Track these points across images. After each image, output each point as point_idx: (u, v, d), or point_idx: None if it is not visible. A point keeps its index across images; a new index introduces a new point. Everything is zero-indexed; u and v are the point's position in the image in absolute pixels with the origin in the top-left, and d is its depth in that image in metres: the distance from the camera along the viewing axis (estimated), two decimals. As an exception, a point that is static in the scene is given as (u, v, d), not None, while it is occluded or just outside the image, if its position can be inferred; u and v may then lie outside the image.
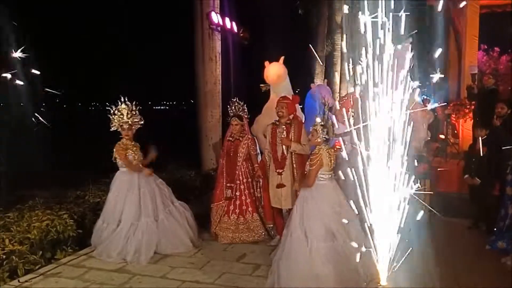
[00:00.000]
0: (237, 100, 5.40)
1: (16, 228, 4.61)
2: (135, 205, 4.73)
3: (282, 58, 6.46)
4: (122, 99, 4.84)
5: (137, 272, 4.31)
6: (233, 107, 5.38)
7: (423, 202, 5.26)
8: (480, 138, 5.31)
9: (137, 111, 4.89)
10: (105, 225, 4.78)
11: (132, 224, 4.68)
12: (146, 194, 4.80)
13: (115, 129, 4.87)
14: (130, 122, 4.84)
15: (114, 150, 4.85)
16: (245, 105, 5.42)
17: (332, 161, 4.00)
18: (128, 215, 4.70)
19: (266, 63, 6.50)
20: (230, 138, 5.28)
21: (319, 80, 15.51)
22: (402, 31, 2.94)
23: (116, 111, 4.82)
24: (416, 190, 3.08)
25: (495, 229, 4.80)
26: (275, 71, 6.33)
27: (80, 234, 4.95)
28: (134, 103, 4.86)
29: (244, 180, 5.19)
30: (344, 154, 3.13)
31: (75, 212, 5.17)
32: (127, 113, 4.82)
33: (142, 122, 4.96)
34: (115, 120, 4.83)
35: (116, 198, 4.80)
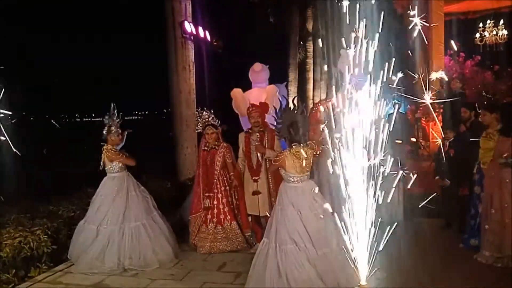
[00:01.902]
0: (205, 109, 5.34)
1: (-14, 247, 4.44)
2: (121, 209, 4.76)
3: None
4: (113, 107, 4.98)
5: (116, 287, 4.23)
6: (202, 118, 5.32)
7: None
8: (447, 141, 5.62)
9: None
10: (86, 225, 4.80)
11: (116, 228, 4.69)
12: (133, 199, 4.86)
13: (109, 137, 4.99)
14: (119, 131, 5.00)
15: (104, 156, 4.92)
16: (212, 113, 5.38)
17: (303, 164, 3.81)
18: (113, 218, 4.72)
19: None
20: (206, 148, 5.25)
21: (292, 87, 15.72)
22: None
23: (111, 119, 4.98)
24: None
25: (466, 227, 4.97)
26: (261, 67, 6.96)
27: (55, 250, 4.81)
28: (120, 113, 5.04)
29: (222, 189, 5.16)
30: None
31: (49, 228, 5.02)
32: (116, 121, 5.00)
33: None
34: (113, 128, 4.96)
35: (102, 201, 4.83)
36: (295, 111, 3.96)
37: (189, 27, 7.98)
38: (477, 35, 12.80)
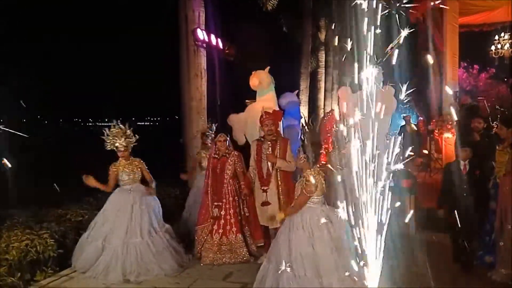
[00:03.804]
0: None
1: (-7, 249, 4.44)
2: (124, 224, 4.70)
3: (268, 68, 6.83)
4: (115, 122, 4.90)
5: (120, 294, 4.19)
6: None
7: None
8: (465, 162, 4.71)
9: (131, 133, 4.95)
10: (90, 240, 4.75)
11: (120, 243, 4.62)
12: (137, 213, 4.79)
13: (109, 148, 4.92)
14: (124, 144, 4.89)
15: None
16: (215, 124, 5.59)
17: (323, 184, 3.77)
18: (117, 234, 4.67)
19: (253, 72, 6.78)
20: (216, 155, 5.18)
21: (304, 96, 15.67)
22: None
23: (109, 133, 4.87)
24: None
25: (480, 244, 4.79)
26: (257, 76, 6.73)
27: (61, 254, 4.79)
28: (127, 124, 4.94)
29: (230, 199, 5.06)
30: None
31: (56, 232, 5.01)
32: (121, 136, 4.88)
33: (136, 139, 5.03)
34: (109, 142, 4.88)
35: (107, 216, 4.81)
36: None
37: (201, 34, 8.01)
38: (492, 47, 12.66)
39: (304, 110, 14.57)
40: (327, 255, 3.56)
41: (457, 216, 4.35)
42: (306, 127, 6.82)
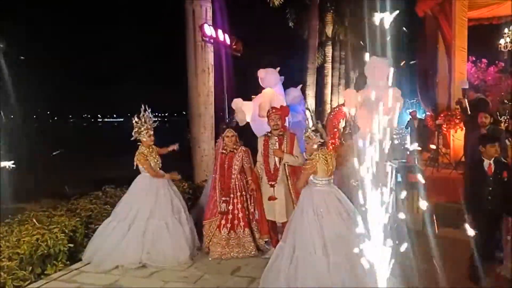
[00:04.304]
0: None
1: (5, 243, 4.50)
2: (149, 206, 4.91)
3: (278, 68, 7.08)
4: (143, 108, 5.06)
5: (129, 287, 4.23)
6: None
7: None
8: (490, 160, 4.06)
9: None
10: (115, 223, 4.88)
11: (142, 223, 4.83)
12: (162, 197, 5.01)
13: (139, 137, 5.09)
14: (152, 130, 5.12)
15: (136, 159, 5.07)
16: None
17: (331, 166, 3.95)
18: (140, 215, 4.87)
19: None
20: (224, 151, 5.19)
21: (311, 91, 15.65)
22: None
23: (141, 120, 5.06)
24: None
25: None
26: (265, 70, 7.04)
27: (71, 249, 4.85)
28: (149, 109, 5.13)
29: (238, 194, 5.10)
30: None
31: (66, 226, 5.08)
32: (150, 119, 5.11)
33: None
34: (142, 129, 5.05)
35: (132, 199, 4.99)
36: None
37: (209, 30, 8.00)
38: (501, 41, 12.50)
39: (311, 105, 14.53)
40: (334, 236, 3.69)
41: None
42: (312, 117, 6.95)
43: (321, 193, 3.91)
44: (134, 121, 5.09)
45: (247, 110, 6.97)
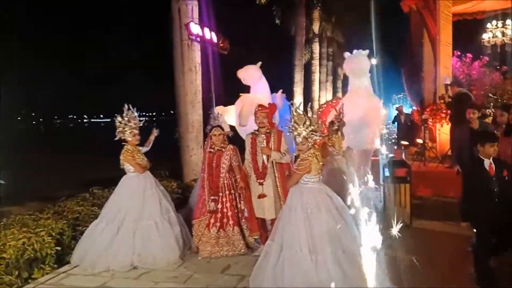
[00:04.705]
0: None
1: (-10, 248, 4.43)
2: (137, 207, 4.84)
3: (259, 63, 7.17)
4: (127, 107, 5.00)
5: (118, 289, 4.20)
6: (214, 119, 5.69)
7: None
8: (488, 160, 3.79)
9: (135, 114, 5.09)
10: (103, 225, 4.81)
11: (130, 225, 4.77)
12: (149, 198, 4.95)
13: (123, 137, 5.01)
14: (137, 129, 5.05)
15: (122, 158, 5.00)
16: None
17: (321, 163, 3.95)
18: (128, 216, 4.81)
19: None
20: (211, 150, 5.16)
21: (299, 88, 15.68)
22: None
23: (124, 120, 4.98)
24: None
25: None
26: (244, 69, 7.19)
27: (58, 252, 4.79)
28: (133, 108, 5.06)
29: (227, 192, 5.07)
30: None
31: (53, 229, 5.01)
32: (134, 119, 5.03)
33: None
34: (126, 129, 4.96)
35: (120, 201, 4.92)
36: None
37: (195, 28, 7.96)
38: (485, 36, 12.66)
39: (298, 102, 14.55)
40: (322, 233, 3.67)
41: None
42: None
43: (311, 191, 3.89)
44: (117, 121, 5.01)
45: (230, 116, 7.02)
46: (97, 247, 4.70)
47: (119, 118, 5.01)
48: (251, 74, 7.14)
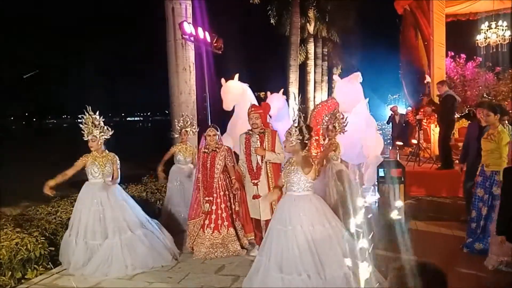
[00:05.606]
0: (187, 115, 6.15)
1: (-17, 249, 4.39)
2: (103, 222, 4.62)
3: (237, 75, 6.95)
4: (88, 109, 4.74)
5: (112, 289, 4.18)
6: (181, 122, 6.13)
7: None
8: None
9: (101, 123, 4.77)
10: (72, 238, 4.66)
11: (115, 241, 4.57)
12: (117, 209, 4.69)
13: (86, 138, 4.77)
14: (95, 134, 4.73)
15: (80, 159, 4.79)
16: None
17: (315, 170, 3.77)
18: (102, 231, 4.61)
19: (222, 80, 6.90)
20: (206, 150, 5.11)
21: (294, 88, 15.69)
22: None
23: (84, 122, 4.74)
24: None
25: (468, 231, 4.87)
26: (224, 88, 6.90)
27: (52, 252, 4.76)
28: (96, 113, 4.75)
29: (221, 193, 5.03)
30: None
31: (46, 229, 4.98)
32: (91, 124, 4.72)
33: (109, 133, 4.83)
34: (85, 131, 4.75)
35: (80, 211, 4.70)
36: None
37: (188, 28, 7.95)
38: (478, 36, 12.76)
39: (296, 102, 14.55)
40: (306, 250, 3.55)
41: None
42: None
43: (302, 201, 3.71)
44: (82, 124, 4.74)
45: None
46: (78, 260, 4.54)
47: (83, 121, 4.73)
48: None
